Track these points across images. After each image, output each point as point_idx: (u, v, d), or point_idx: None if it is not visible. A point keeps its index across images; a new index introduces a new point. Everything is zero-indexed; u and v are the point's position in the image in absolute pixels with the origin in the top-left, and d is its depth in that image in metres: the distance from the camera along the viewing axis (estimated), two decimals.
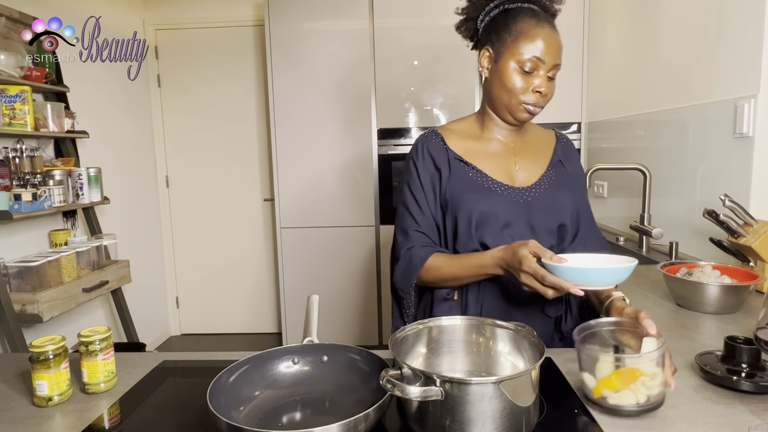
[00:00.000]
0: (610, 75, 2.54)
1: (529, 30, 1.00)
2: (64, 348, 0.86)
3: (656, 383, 0.73)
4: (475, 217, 1.04)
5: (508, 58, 1.01)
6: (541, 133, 1.19)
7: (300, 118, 2.87)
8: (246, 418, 0.75)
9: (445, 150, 1.09)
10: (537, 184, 1.09)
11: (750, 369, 0.80)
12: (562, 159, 1.15)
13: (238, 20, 3.33)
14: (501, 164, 1.09)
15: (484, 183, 1.06)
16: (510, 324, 0.83)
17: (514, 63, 1.00)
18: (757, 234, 1.34)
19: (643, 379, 0.73)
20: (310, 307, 0.95)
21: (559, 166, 1.14)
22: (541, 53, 0.99)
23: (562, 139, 1.19)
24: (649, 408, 0.73)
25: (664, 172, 2.00)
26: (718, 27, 1.69)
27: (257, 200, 3.52)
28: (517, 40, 1.00)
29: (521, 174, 1.10)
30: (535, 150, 1.14)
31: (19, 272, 1.96)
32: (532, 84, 1.01)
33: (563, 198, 1.09)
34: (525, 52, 0.99)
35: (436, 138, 1.11)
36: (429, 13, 2.76)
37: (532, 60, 0.99)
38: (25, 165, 2.10)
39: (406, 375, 0.69)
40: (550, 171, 1.11)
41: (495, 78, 1.05)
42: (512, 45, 1.00)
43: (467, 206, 1.04)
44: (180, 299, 3.65)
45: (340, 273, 2.97)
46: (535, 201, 1.06)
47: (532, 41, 0.99)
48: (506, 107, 1.05)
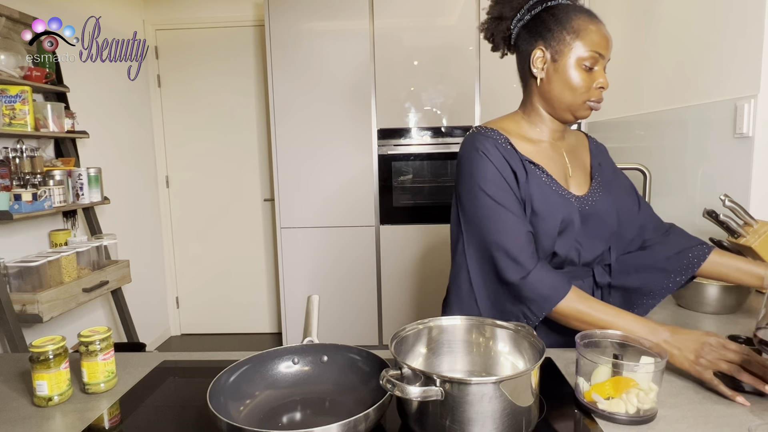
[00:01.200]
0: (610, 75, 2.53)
1: (586, 26, 0.98)
2: (64, 348, 0.86)
3: (649, 398, 0.72)
4: (558, 226, 1.00)
5: (569, 56, 0.98)
6: (575, 135, 1.17)
7: (300, 118, 2.87)
8: (246, 418, 0.75)
9: (514, 151, 1.02)
10: (591, 192, 1.07)
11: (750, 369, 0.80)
12: (600, 161, 1.14)
13: (238, 20, 3.33)
14: (559, 166, 1.07)
15: (557, 190, 1.02)
16: (510, 324, 0.83)
17: (577, 60, 0.98)
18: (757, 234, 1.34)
19: (636, 391, 0.73)
20: (310, 307, 0.95)
21: (599, 169, 1.13)
22: (601, 48, 0.98)
23: (592, 139, 1.19)
24: (638, 420, 0.73)
25: (664, 172, 2.00)
26: (718, 27, 1.69)
27: (257, 200, 3.52)
28: (578, 37, 0.98)
29: (574, 179, 1.08)
30: (579, 153, 1.13)
31: (19, 272, 1.96)
32: (596, 80, 1.00)
33: (611, 204, 1.08)
34: (587, 49, 0.97)
35: (500, 138, 1.02)
36: (429, 13, 2.76)
37: (594, 56, 0.98)
38: (25, 165, 2.10)
39: (406, 375, 0.69)
40: (597, 177, 1.11)
41: (555, 78, 1.00)
42: (572, 42, 0.98)
43: (550, 213, 0.99)
44: (180, 299, 3.66)
45: (340, 273, 2.97)
46: (593, 209, 1.05)
47: (592, 37, 0.98)
48: (569, 107, 1.01)
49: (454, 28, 2.75)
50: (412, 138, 2.84)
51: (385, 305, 2.98)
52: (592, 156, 1.15)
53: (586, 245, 1.04)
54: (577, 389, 0.78)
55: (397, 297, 2.96)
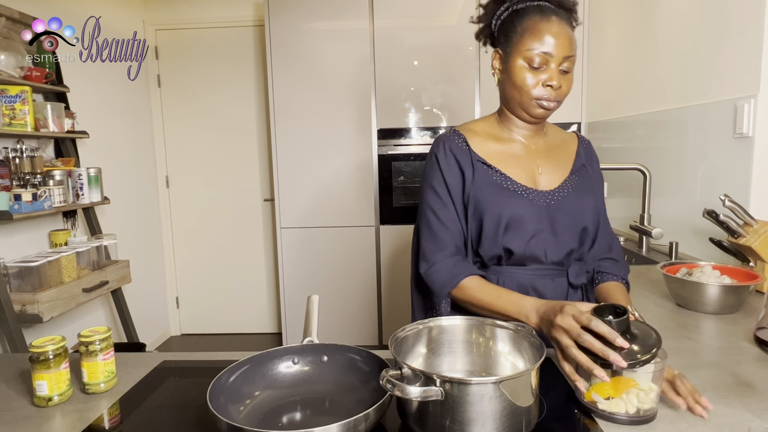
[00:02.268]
0: (610, 75, 2.54)
1: (534, 26, 1.00)
2: (64, 348, 0.86)
3: (650, 398, 0.72)
4: (503, 222, 1.02)
5: (515, 56, 1.01)
6: (563, 135, 1.18)
7: (300, 118, 2.87)
8: (246, 418, 0.75)
9: (468, 151, 1.07)
10: (560, 188, 1.08)
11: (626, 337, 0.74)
12: (585, 162, 1.15)
13: (238, 20, 3.33)
14: (524, 167, 1.08)
15: (509, 186, 1.04)
16: (510, 324, 0.83)
17: (522, 60, 1.00)
18: (757, 234, 1.34)
19: (636, 392, 0.73)
20: (310, 307, 0.95)
21: (583, 169, 1.14)
22: (547, 47, 0.99)
23: (584, 141, 1.19)
24: (639, 420, 0.72)
25: (664, 172, 2.00)
26: (718, 27, 1.69)
27: (257, 200, 3.52)
28: (523, 37, 1.00)
29: (544, 177, 1.09)
30: (558, 153, 1.13)
31: (19, 272, 1.96)
32: (542, 78, 1.01)
33: (587, 202, 1.09)
34: (531, 48, 0.99)
35: (458, 138, 1.09)
36: (429, 13, 2.76)
37: (539, 55, 0.99)
38: (25, 165, 2.10)
39: (406, 375, 0.69)
40: (573, 175, 1.11)
41: (506, 77, 1.05)
42: (518, 42, 1.01)
43: (494, 210, 1.02)
44: (180, 299, 3.66)
45: (340, 273, 2.97)
46: (558, 204, 1.06)
47: (537, 36, 0.99)
48: (519, 104, 1.04)
49: (454, 28, 2.75)
50: (412, 138, 2.84)
51: (385, 305, 2.98)
52: (577, 156, 1.15)
53: (552, 242, 1.04)
54: (577, 389, 0.78)
55: (397, 297, 2.96)
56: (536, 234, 1.03)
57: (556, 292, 1.06)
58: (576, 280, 1.08)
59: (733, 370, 0.89)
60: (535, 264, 1.05)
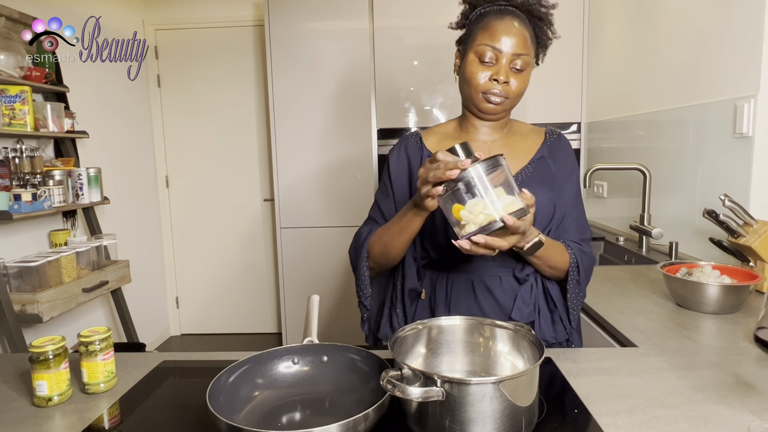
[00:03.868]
0: (610, 75, 2.54)
1: (487, 24, 1.02)
2: (64, 348, 0.86)
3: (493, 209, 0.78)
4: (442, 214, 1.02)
5: (469, 52, 1.04)
6: (529, 133, 1.15)
7: (300, 117, 2.87)
8: (246, 418, 0.75)
9: (421, 149, 1.12)
10: None
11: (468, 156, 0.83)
12: (546, 155, 1.11)
13: (238, 20, 3.33)
14: None
15: None
16: (509, 324, 0.83)
17: (473, 55, 1.03)
18: (757, 234, 1.34)
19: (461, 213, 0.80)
20: (310, 307, 0.95)
21: (543, 162, 1.10)
22: (497, 43, 1.00)
23: (552, 136, 1.15)
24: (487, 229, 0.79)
25: (664, 172, 2.00)
26: (718, 27, 1.69)
27: (257, 200, 3.52)
28: (477, 34, 1.03)
29: None
30: (516, 148, 1.11)
31: (19, 272, 1.96)
32: (490, 74, 1.01)
33: (538, 195, 1.03)
34: (482, 43, 1.01)
35: (414, 138, 1.15)
36: (429, 13, 2.76)
37: (489, 50, 1.00)
38: (25, 165, 2.10)
39: (406, 375, 0.69)
40: (528, 168, 1.08)
41: (460, 73, 1.09)
42: (473, 40, 1.03)
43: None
44: (180, 299, 3.65)
45: (340, 273, 2.97)
46: None
47: (489, 33, 1.01)
48: (470, 99, 1.06)
49: None
50: None
51: None
52: (539, 150, 1.11)
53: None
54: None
55: None
56: None
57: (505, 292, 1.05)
58: (521, 273, 1.06)
59: (733, 370, 0.89)
60: (482, 259, 1.05)
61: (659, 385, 0.84)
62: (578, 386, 0.84)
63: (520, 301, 1.05)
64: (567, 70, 2.73)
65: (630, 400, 0.79)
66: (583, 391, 0.82)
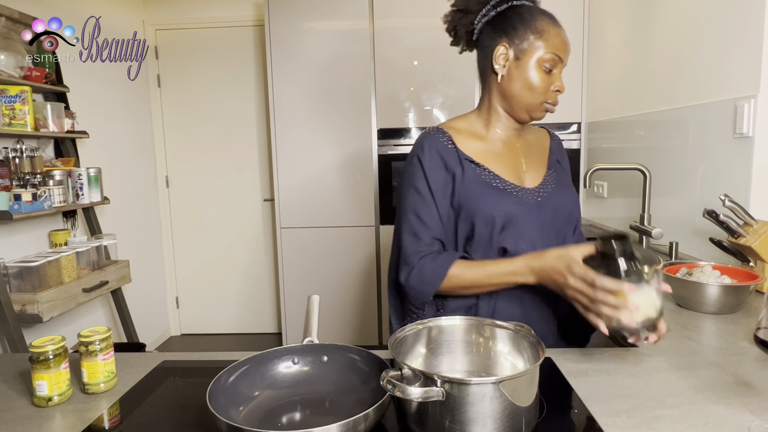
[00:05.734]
0: (610, 75, 2.54)
1: (549, 28, 1.00)
2: (64, 348, 0.86)
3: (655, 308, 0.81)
4: (498, 222, 1.00)
5: (531, 55, 1.00)
6: (537, 132, 1.18)
7: (300, 117, 2.87)
8: (246, 418, 0.75)
9: (455, 150, 1.04)
10: (543, 184, 1.08)
11: (629, 263, 0.81)
12: (558, 158, 1.16)
13: (238, 20, 3.33)
14: (510, 165, 1.08)
15: (499, 185, 1.03)
16: (509, 324, 0.83)
17: (539, 61, 0.99)
18: (757, 234, 1.34)
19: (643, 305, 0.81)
20: (310, 307, 0.95)
21: (557, 165, 1.15)
22: (561, 51, 1.00)
23: (555, 137, 1.20)
24: (647, 326, 0.81)
25: (664, 172, 2.00)
26: (718, 27, 1.68)
27: (257, 200, 3.52)
28: (541, 38, 0.99)
29: (528, 174, 1.09)
30: (536, 150, 1.14)
31: (19, 272, 1.96)
32: (553, 83, 1.01)
33: (568, 197, 1.10)
34: (549, 51, 0.99)
35: (443, 137, 1.05)
36: (429, 13, 2.75)
37: (554, 59, 0.99)
38: (25, 165, 2.10)
39: (406, 375, 0.69)
40: (551, 171, 1.12)
41: (516, 76, 1.01)
42: (537, 42, 0.99)
43: (487, 210, 1.00)
44: (180, 299, 3.65)
45: (340, 273, 2.97)
46: (546, 201, 1.06)
47: (554, 40, 0.99)
48: (526, 107, 1.03)
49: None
50: (412, 138, 2.84)
51: (385, 305, 2.98)
52: (551, 152, 1.15)
53: (540, 238, 1.04)
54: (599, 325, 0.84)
55: None
56: (527, 232, 1.03)
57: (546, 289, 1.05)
58: None
59: (733, 370, 0.89)
60: None
61: (659, 385, 0.84)
62: (578, 386, 0.84)
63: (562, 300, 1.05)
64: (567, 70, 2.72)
65: (630, 400, 0.79)
66: (583, 391, 0.82)
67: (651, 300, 0.80)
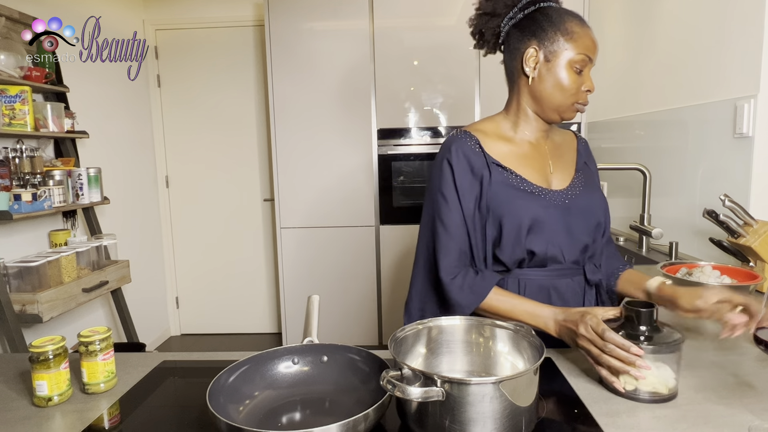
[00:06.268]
0: (610, 75, 2.54)
1: (579, 29, 1.00)
2: (64, 348, 0.86)
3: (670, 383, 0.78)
4: (525, 224, 1.01)
5: (562, 57, 1.00)
6: (564, 134, 1.19)
7: (300, 118, 2.87)
8: (246, 418, 0.75)
9: (482, 154, 1.04)
10: (571, 187, 1.09)
11: (649, 332, 0.80)
12: (586, 160, 1.16)
13: (238, 20, 3.33)
14: (538, 167, 1.08)
15: (525, 188, 1.04)
16: (509, 324, 0.83)
17: (569, 62, 1.00)
18: (757, 234, 1.34)
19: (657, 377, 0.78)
20: (310, 307, 0.95)
21: (585, 167, 1.15)
22: (590, 52, 1.00)
23: (582, 139, 1.21)
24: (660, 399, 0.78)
25: (664, 172, 2.00)
26: (718, 27, 1.68)
27: (257, 200, 3.52)
28: (571, 39, 1.00)
29: (556, 176, 1.09)
30: (563, 152, 1.14)
31: (19, 272, 1.96)
32: (584, 83, 1.02)
33: (597, 198, 1.10)
34: (579, 52, 0.99)
35: (470, 141, 1.05)
36: (429, 13, 2.76)
37: (584, 59, 1.00)
38: (25, 165, 2.10)
39: (406, 375, 0.69)
40: (579, 173, 1.12)
41: (548, 77, 1.02)
42: (567, 44, 1.00)
43: (514, 213, 1.01)
44: (180, 299, 3.65)
45: (340, 273, 2.97)
46: (573, 203, 1.06)
47: (584, 41, 1.00)
48: (557, 108, 1.03)
49: (454, 28, 2.75)
50: (412, 138, 2.84)
51: (385, 305, 2.98)
52: (578, 155, 1.16)
53: (568, 241, 1.05)
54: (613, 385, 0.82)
55: (397, 297, 2.96)
56: (555, 234, 1.03)
57: (574, 291, 1.07)
58: (593, 276, 1.09)
59: (733, 370, 0.89)
60: (555, 264, 1.05)
61: None
62: (578, 386, 0.84)
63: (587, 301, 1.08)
64: None
65: (630, 400, 0.79)
66: (583, 391, 0.82)
67: (663, 377, 0.78)
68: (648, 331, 0.80)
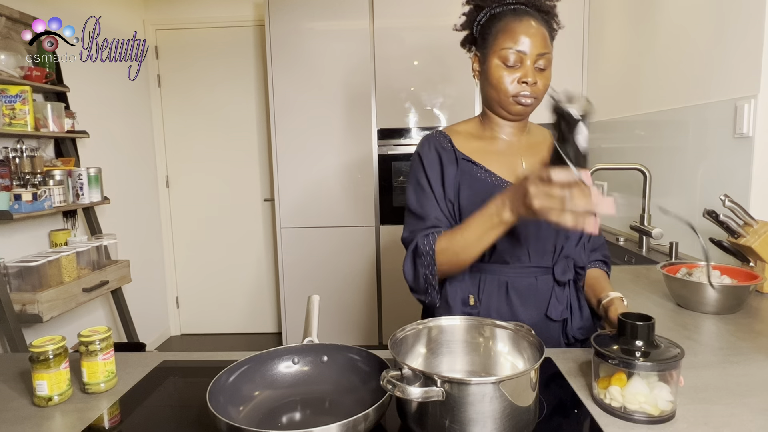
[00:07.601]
0: (610, 75, 2.54)
1: (506, 26, 1.02)
2: (64, 348, 0.86)
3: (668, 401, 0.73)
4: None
5: (491, 56, 1.04)
6: (543, 133, 1.19)
7: (300, 118, 2.87)
8: (246, 418, 0.75)
9: (452, 150, 1.09)
10: None
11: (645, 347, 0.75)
12: None
13: (238, 20, 3.33)
14: (507, 162, 1.10)
15: (492, 181, 1.06)
16: (509, 324, 0.83)
17: (497, 60, 1.03)
18: (757, 234, 1.34)
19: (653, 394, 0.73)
20: (310, 307, 0.95)
21: None
22: (521, 46, 1.00)
23: None
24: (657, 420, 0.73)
25: (664, 172, 2.00)
26: (718, 27, 1.69)
27: (257, 200, 3.52)
28: (497, 38, 1.03)
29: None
30: (540, 149, 1.14)
31: (19, 272, 1.96)
32: (517, 76, 1.02)
33: None
34: (505, 47, 1.01)
35: (443, 138, 1.11)
36: (429, 13, 2.76)
37: (513, 53, 1.01)
38: (25, 165, 2.10)
39: (407, 375, 0.69)
40: None
41: (483, 78, 1.08)
42: (493, 43, 1.03)
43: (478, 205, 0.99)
44: (180, 299, 3.66)
45: (340, 273, 2.97)
46: None
47: (510, 36, 1.01)
48: (498, 103, 1.06)
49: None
50: (412, 138, 2.84)
51: (385, 305, 2.98)
52: None
53: (535, 240, 1.05)
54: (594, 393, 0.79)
55: (397, 297, 2.96)
56: (521, 227, 1.03)
57: (537, 290, 1.07)
58: (562, 277, 1.08)
59: (733, 370, 0.89)
60: (518, 263, 1.06)
61: None
62: (578, 386, 0.84)
63: (555, 299, 1.07)
64: (567, 69, 2.73)
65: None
66: (583, 391, 0.82)
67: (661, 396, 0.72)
68: (645, 347, 0.75)
